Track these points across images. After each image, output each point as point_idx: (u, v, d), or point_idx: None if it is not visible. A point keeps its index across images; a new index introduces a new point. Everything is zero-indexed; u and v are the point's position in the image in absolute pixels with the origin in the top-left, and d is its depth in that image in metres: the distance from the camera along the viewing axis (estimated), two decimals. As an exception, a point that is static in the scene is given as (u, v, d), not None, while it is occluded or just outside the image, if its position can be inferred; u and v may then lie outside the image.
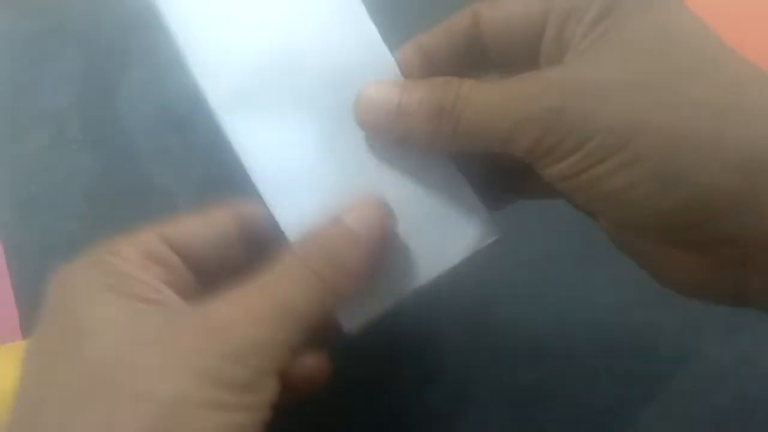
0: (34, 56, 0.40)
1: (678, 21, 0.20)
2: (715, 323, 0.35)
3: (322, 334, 0.23)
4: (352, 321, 0.23)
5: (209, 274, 0.24)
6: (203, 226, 0.24)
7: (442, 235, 0.24)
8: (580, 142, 0.19)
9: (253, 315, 0.19)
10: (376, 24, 0.25)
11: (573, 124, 0.19)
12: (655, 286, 0.23)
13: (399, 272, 0.23)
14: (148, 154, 0.37)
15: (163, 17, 0.23)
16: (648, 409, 0.33)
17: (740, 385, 0.34)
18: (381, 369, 0.33)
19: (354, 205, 0.22)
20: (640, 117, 0.18)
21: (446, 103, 0.21)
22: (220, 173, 0.35)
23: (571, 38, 0.21)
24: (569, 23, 0.22)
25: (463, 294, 0.35)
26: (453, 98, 0.21)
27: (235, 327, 0.19)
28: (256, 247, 0.24)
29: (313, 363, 0.22)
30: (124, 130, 0.38)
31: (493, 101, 0.21)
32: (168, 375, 0.18)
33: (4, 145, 0.38)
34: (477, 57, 0.24)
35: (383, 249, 0.22)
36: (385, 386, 0.33)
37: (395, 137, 0.23)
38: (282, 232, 0.23)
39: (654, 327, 0.34)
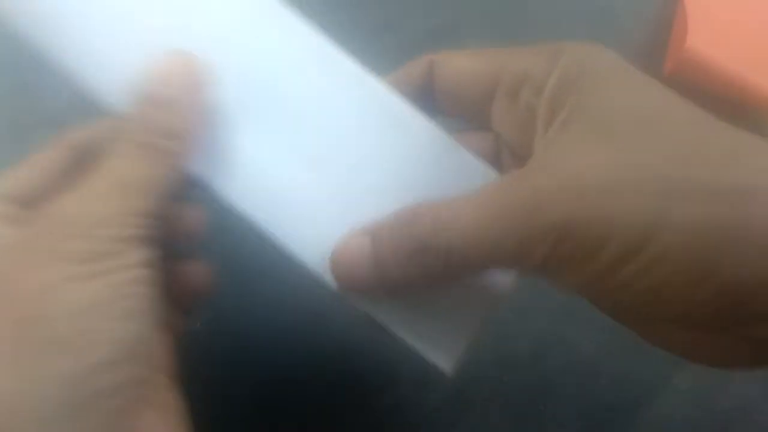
0: (34, 55, 0.39)
1: (650, 95, 0.19)
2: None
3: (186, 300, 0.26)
4: (448, 360, 0.23)
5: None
6: (34, 167, 0.25)
7: (436, 190, 0.23)
8: (596, 248, 0.18)
9: (91, 195, 0.20)
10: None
11: (586, 232, 0.18)
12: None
13: (475, 289, 0.23)
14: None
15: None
16: (648, 409, 0.33)
17: (741, 386, 0.34)
18: (381, 369, 0.33)
19: (156, 68, 0.22)
20: (658, 213, 0.17)
21: (426, 240, 0.19)
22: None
23: (531, 111, 0.20)
24: (523, 91, 0.21)
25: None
26: (431, 232, 0.19)
27: (76, 210, 0.20)
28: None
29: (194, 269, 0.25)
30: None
31: (483, 224, 0.19)
32: (24, 273, 0.19)
33: (4, 145, 0.38)
34: (429, 105, 0.24)
35: (200, 101, 0.22)
36: (384, 387, 0.33)
37: (387, 289, 0.21)
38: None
39: (654, 327, 0.34)
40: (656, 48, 0.40)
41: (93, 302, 0.19)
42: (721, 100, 0.38)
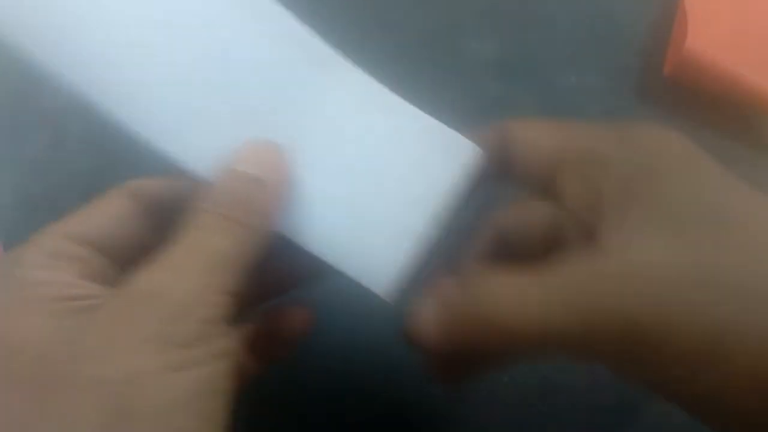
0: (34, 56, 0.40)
1: (725, 191, 0.19)
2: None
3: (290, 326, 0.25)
4: (384, 286, 0.23)
5: (127, 258, 0.23)
6: (102, 212, 0.23)
7: (425, 168, 0.23)
8: (661, 344, 0.17)
9: (179, 271, 0.19)
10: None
11: (651, 328, 0.17)
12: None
13: (400, 218, 0.23)
14: (148, 153, 0.37)
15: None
16: (648, 409, 0.33)
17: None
18: (381, 369, 0.33)
19: (245, 150, 0.22)
20: (727, 317, 0.17)
21: (490, 320, 0.19)
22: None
23: (598, 191, 0.20)
24: (591, 169, 0.20)
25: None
26: (494, 313, 0.19)
27: (165, 287, 0.19)
28: (163, 218, 0.24)
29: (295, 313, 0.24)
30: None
31: (548, 309, 0.18)
32: (111, 354, 0.18)
33: (5, 145, 0.38)
34: (504, 172, 0.24)
35: (286, 184, 0.22)
36: (385, 386, 0.33)
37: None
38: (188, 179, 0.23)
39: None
40: (656, 49, 0.40)
41: (180, 399, 0.18)
42: (721, 101, 0.38)
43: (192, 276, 0.19)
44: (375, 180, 0.23)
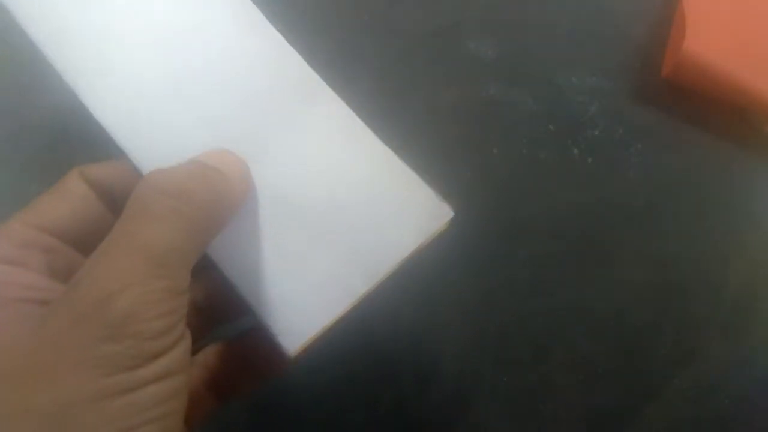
0: (34, 56, 0.39)
1: None
2: (715, 323, 0.35)
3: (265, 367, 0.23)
4: (294, 340, 0.20)
5: (90, 245, 0.20)
6: (64, 199, 0.22)
7: (387, 225, 0.21)
8: None
9: (120, 273, 0.17)
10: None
11: None
12: (655, 286, 0.22)
13: (347, 274, 0.21)
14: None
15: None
16: (648, 409, 0.33)
17: (740, 386, 0.34)
18: (381, 369, 0.33)
19: (211, 150, 0.21)
20: None
21: None
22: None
23: None
24: None
25: (463, 294, 0.35)
26: None
27: (105, 294, 0.16)
28: (119, 204, 0.22)
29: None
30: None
31: None
32: (47, 380, 0.16)
33: (4, 145, 0.38)
34: None
35: (245, 194, 0.21)
36: (384, 386, 0.33)
37: None
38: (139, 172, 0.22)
39: (654, 327, 0.34)
40: (654, 50, 0.41)
41: (118, 430, 0.16)
42: (719, 102, 0.38)
43: (135, 278, 0.17)
44: (329, 225, 0.21)
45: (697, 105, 0.39)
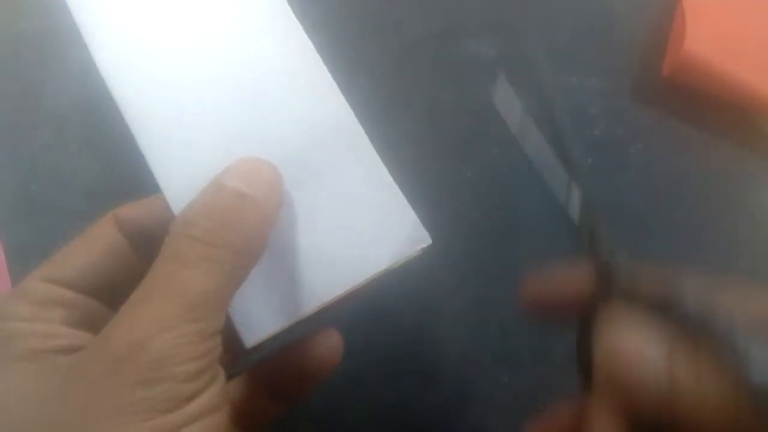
0: (34, 56, 0.40)
1: None
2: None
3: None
4: (253, 333, 0.21)
5: (120, 294, 0.20)
6: (88, 248, 0.22)
7: (365, 240, 0.22)
8: None
9: (154, 320, 0.17)
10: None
11: None
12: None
13: (315, 279, 0.21)
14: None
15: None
16: (648, 409, 0.33)
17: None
18: (381, 369, 0.33)
19: (236, 165, 0.20)
20: None
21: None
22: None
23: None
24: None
25: (463, 294, 0.35)
26: None
27: (139, 341, 0.17)
28: (153, 246, 0.22)
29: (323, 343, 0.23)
30: (124, 129, 0.38)
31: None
32: (84, 428, 0.16)
33: (5, 145, 0.38)
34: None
35: (277, 208, 0.20)
36: (385, 386, 0.33)
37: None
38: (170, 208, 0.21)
39: (654, 327, 0.34)
40: (655, 50, 0.41)
41: None
42: (719, 103, 0.38)
43: (168, 323, 0.17)
44: (308, 230, 0.22)
45: (697, 105, 0.39)
